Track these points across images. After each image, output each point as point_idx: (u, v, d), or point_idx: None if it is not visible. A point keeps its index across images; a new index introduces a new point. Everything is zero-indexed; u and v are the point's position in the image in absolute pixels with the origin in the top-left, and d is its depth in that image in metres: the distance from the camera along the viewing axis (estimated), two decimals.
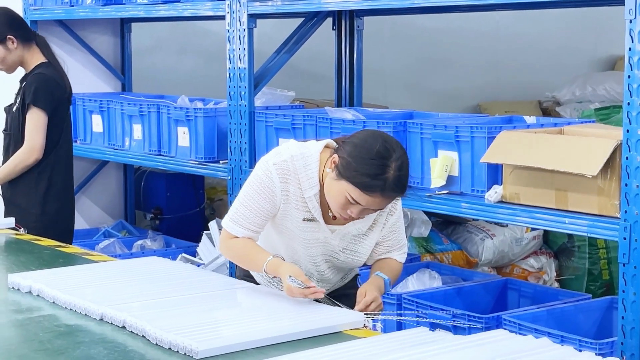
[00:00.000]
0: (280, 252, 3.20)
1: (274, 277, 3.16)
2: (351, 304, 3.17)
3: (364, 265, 3.38)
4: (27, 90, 4.64)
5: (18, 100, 4.70)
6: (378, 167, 2.93)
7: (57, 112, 4.69)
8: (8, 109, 4.78)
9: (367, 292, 3.11)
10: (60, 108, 4.72)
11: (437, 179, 4.24)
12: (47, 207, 4.68)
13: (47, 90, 4.64)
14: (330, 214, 3.14)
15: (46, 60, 4.75)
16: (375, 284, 3.17)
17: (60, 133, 4.73)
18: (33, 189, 4.66)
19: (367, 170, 2.93)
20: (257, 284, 3.35)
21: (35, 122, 4.62)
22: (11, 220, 4.44)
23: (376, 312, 3.07)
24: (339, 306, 3.07)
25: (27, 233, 4.40)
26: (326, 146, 3.18)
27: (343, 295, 3.32)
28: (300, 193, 3.11)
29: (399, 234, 3.30)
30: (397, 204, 3.23)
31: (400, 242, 3.31)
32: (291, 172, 3.11)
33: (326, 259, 3.23)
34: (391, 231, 3.27)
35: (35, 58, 4.75)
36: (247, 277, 3.38)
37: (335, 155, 3.02)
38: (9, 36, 4.69)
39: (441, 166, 4.22)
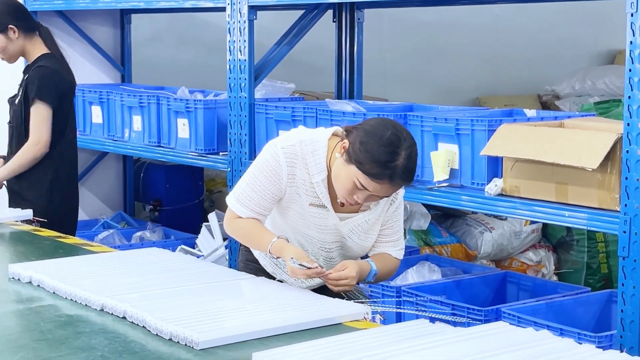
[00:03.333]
0: (287, 235, 3.21)
1: (278, 257, 3.17)
2: (349, 290, 3.19)
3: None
4: (30, 83, 4.62)
5: (20, 92, 4.69)
6: (388, 155, 2.94)
7: (61, 105, 4.67)
8: (11, 101, 4.76)
9: (348, 267, 3.09)
10: (64, 100, 4.70)
11: (440, 173, 4.24)
12: (54, 199, 4.67)
13: (51, 83, 4.63)
14: (338, 201, 3.15)
15: (48, 52, 4.73)
16: (361, 266, 3.15)
17: (65, 125, 4.72)
18: (39, 181, 4.65)
19: (377, 157, 2.94)
20: (261, 267, 3.36)
21: (41, 115, 4.60)
22: (29, 212, 4.41)
23: (341, 289, 3.08)
24: (352, 292, 3.08)
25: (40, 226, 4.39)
26: (334, 134, 3.20)
27: None
28: (308, 178, 3.13)
29: (396, 224, 3.30)
30: (399, 193, 3.23)
31: (397, 232, 3.31)
32: (299, 157, 3.12)
33: (338, 247, 3.25)
34: (389, 219, 3.27)
35: (38, 49, 4.73)
36: (250, 261, 3.39)
37: (346, 141, 3.04)
38: (10, 26, 4.67)
39: (444, 160, 4.22)
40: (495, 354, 2.34)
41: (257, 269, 3.36)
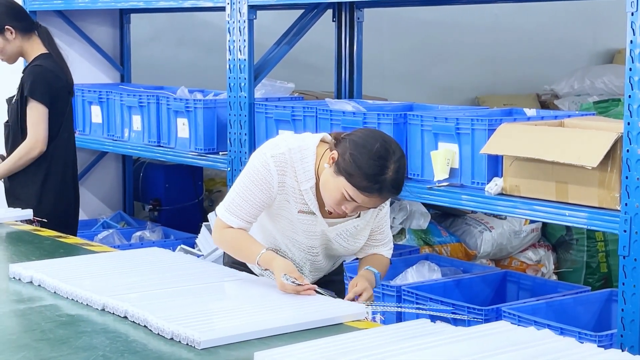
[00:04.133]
0: (276, 238, 3.22)
1: (266, 269, 3.18)
2: (337, 290, 3.21)
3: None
4: (24, 82, 4.63)
5: (17, 92, 4.69)
6: (377, 168, 2.95)
7: (55, 104, 4.67)
8: (9, 101, 4.78)
9: (358, 283, 3.15)
10: (58, 100, 4.69)
11: (440, 173, 4.24)
12: (44, 199, 4.65)
13: (45, 82, 4.63)
14: (326, 208, 3.15)
15: (46, 52, 4.73)
16: (366, 276, 3.20)
17: (59, 125, 4.71)
18: (30, 181, 4.66)
19: (367, 170, 2.95)
20: (249, 269, 3.36)
21: (36, 115, 4.61)
22: (29, 212, 4.40)
23: (368, 302, 3.10)
24: (332, 296, 3.09)
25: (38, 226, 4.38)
26: (322, 140, 3.19)
27: (329, 281, 3.36)
28: (297, 185, 3.13)
29: (386, 227, 3.34)
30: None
31: (387, 236, 3.35)
32: (288, 165, 3.12)
33: (323, 250, 3.26)
34: (379, 225, 3.30)
35: (36, 49, 4.73)
36: (237, 263, 3.39)
37: (335, 152, 3.03)
38: (7, 27, 4.67)
39: (443, 160, 4.22)
40: (497, 353, 2.34)
41: (244, 271, 3.35)
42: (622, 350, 2.70)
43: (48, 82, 4.64)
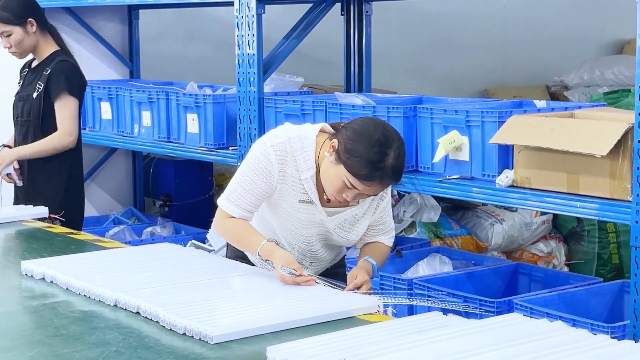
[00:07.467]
0: (275, 231, 3.24)
1: (267, 260, 3.19)
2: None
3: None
4: (54, 77, 4.64)
5: (38, 87, 4.68)
6: (377, 156, 2.97)
7: (81, 101, 4.77)
8: (26, 97, 4.76)
9: (358, 275, 3.16)
10: (83, 96, 4.81)
11: (442, 150, 4.20)
12: (71, 195, 4.71)
13: (78, 77, 4.72)
14: (325, 197, 3.17)
15: (60, 49, 4.77)
16: (365, 268, 3.22)
17: (80, 122, 4.78)
18: (56, 177, 4.68)
19: (367, 158, 2.97)
20: (251, 263, 3.38)
21: (71, 108, 4.66)
22: (44, 210, 4.40)
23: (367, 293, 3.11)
24: (339, 286, 3.10)
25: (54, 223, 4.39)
26: (321, 130, 3.21)
27: (332, 274, 3.37)
28: (297, 175, 3.15)
29: (388, 217, 3.35)
30: (387, 189, 3.25)
31: (388, 226, 3.36)
32: (288, 154, 3.14)
33: (320, 239, 3.28)
34: (381, 215, 3.31)
35: (50, 46, 4.76)
36: (239, 257, 3.41)
37: (335, 140, 3.05)
38: (30, 19, 4.69)
39: (447, 138, 4.20)
40: (511, 345, 2.34)
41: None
42: (636, 342, 2.69)
43: (80, 78, 4.74)
